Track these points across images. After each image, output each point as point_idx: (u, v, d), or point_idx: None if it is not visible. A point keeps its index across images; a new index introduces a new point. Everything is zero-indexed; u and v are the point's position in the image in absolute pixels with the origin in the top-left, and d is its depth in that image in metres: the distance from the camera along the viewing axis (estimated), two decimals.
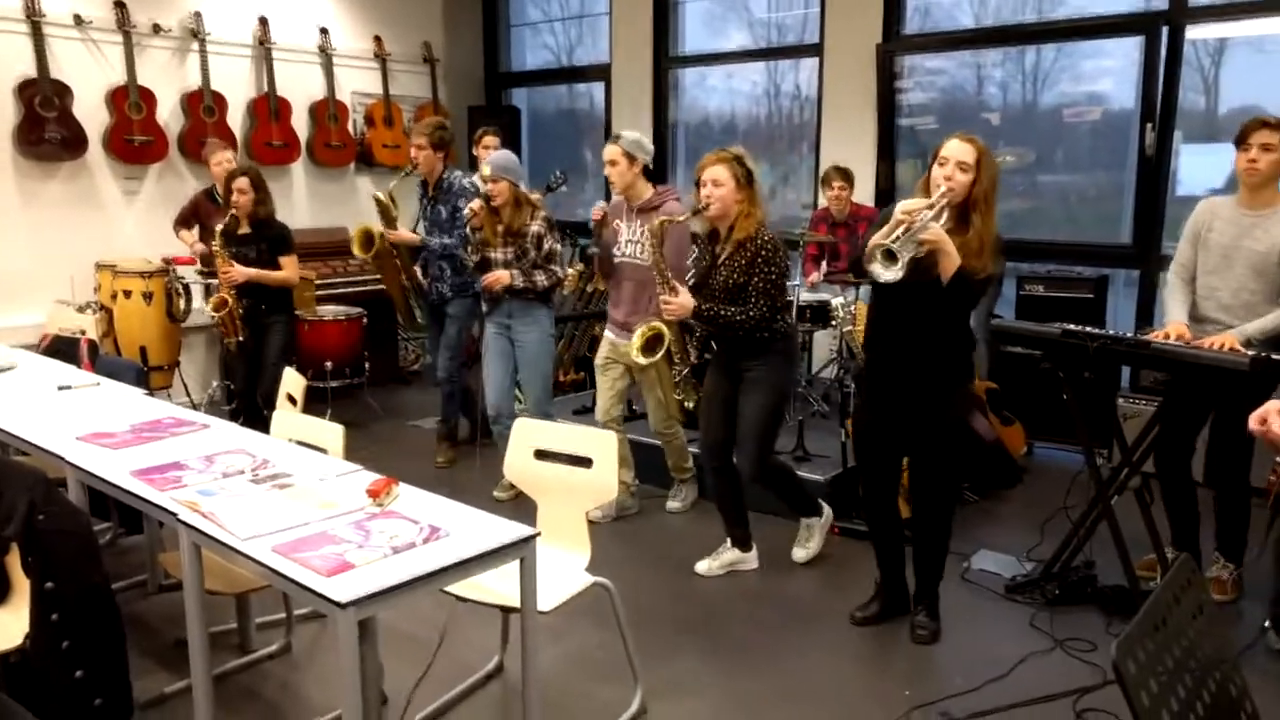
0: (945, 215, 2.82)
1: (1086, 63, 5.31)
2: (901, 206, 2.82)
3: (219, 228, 4.55)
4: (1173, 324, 3.28)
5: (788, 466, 3.77)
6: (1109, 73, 5.25)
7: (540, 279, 4.09)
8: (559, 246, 4.15)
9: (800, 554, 3.76)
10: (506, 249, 4.11)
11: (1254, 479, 3.41)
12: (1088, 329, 3.23)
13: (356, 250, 4.92)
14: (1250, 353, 2.93)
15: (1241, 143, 3.21)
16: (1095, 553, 3.46)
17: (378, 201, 4.86)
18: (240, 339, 4.66)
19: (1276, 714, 2.63)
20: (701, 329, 3.63)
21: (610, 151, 3.90)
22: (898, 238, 2.73)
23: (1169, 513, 3.47)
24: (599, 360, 4.17)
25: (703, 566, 3.69)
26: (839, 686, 2.91)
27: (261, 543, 2.09)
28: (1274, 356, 2.86)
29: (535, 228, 4.08)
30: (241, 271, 4.57)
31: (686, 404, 3.78)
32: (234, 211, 4.56)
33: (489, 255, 4.15)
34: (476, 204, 4.14)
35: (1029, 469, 4.80)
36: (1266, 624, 3.07)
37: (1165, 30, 4.80)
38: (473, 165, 5.88)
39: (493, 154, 4.21)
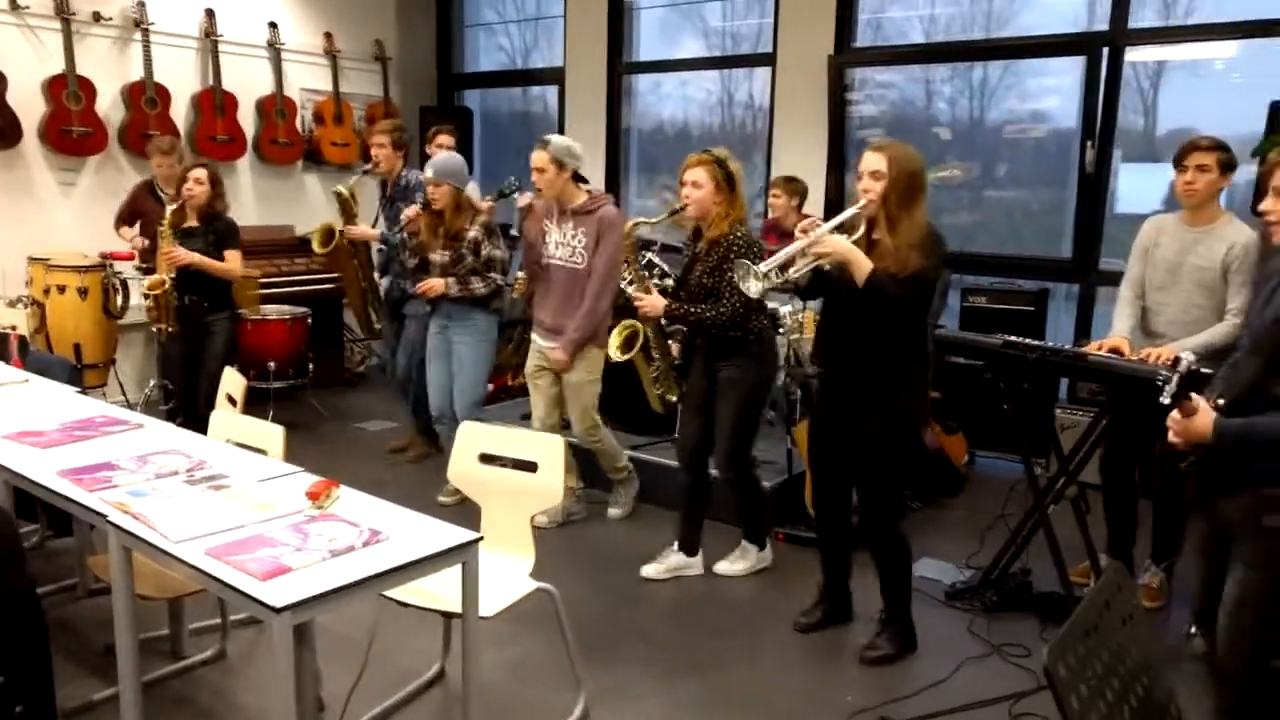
0: (861, 225, 2.92)
1: (1031, 81, 5.44)
2: (800, 225, 2.93)
3: (169, 211, 4.44)
4: (1113, 337, 3.37)
5: (760, 487, 3.74)
6: (1052, 91, 5.38)
7: (478, 286, 4.05)
8: (499, 253, 4.09)
9: (724, 567, 3.72)
10: (444, 252, 4.08)
11: None
12: (1027, 341, 3.30)
13: (316, 247, 4.86)
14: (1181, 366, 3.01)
15: (1178, 164, 3.32)
16: (1032, 560, 3.53)
17: (339, 196, 4.82)
18: (170, 329, 4.55)
19: (1201, 717, 2.69)
20: (676, 327, 3.70)
21: (538, 158, 3.84)
22: (777, 257, 2.90)
23: (1108, 521, 3.55)
24: (529, 370, 4.13)
25: (649, 570, 3.69)
26: (781, 692, 2.92)
27: (194, 545, 2.04)
28: (1203, 370, 2.94)
29: (473, 233, 4.04)
30: (185, 254, 4.46)
31: (669, 397, 3.86)
32: (185, 201, 4.45)
33: (428, 257, 4.12)
34: (413, 210, 4.13)
35: (970, 478, 4.88)
36: (1192, 629, 3.15)
37: (1106, 52, 4.93)
38: (426, 163, 5.83)
39: (436, 157, 4.17)
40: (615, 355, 3.80)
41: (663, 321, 3.90)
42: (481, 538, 2.19)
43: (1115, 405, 3.42)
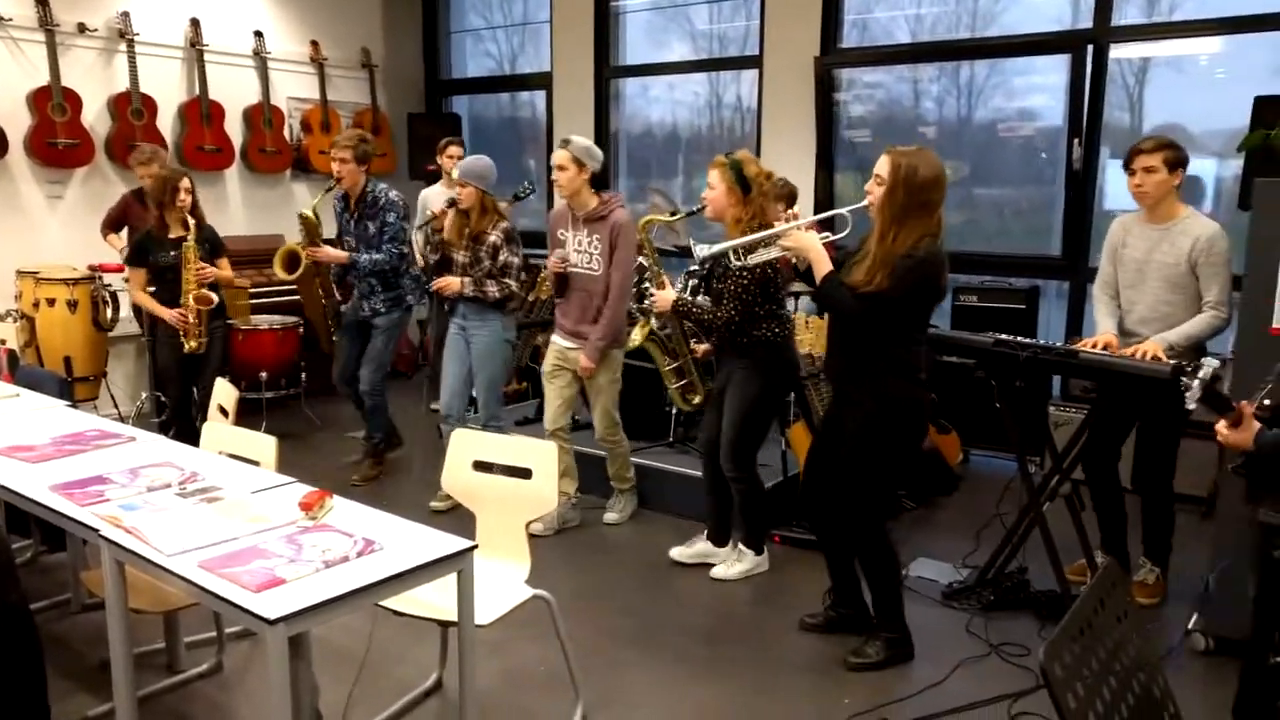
0: (849, 225, 3.02)
1: (1018, 80, 5.45)
2: (785, 214, 3.11)
3: (192, 231, 4.42)
4: (1102, 334, 3.39)
5: (762, 491, 3.71)
6: (1039, 89, 5.40)
7: (492, 289, 4.10)
8: (516, 259, 4.14)
9: (719, 571, 3.72)
10: (466, 252, 4.14)
11: (1179, 485, 3.52)
12: (1019, 339, 3.31)
13: (279, 272, 4.77)
14: (1171, 362, 3.03)
15: (1127, 168, 3.34)
16: (1028, 558, 3.53)
17: (303, 219, 4.70)
18: (204, 340, 4.54)
19: (1198, 715, 2.70)
20: (690, 325, 3.83)
21: (560, 156, 3.89)
22: (740, 240, 3.14)
23: (1099, 518, 3.56)
24: (546, 368, 4.16)
25: (676, 551, 3.80)
26: (779, 695, 2.92)
27: (188, 558, 2.03)
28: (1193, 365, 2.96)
29: (494, 238, 4.09)
30: (213, 269, 4.52)
31: (693, 398, 3.96)
32: (179, 210, 4.42)
33: (450, 255, 4.19)
34: (439, 208, 4.23)
35: (965, 477, 4.89)
36: (1189, 626, 3.16)
37: (1090, 49, 4.95)
38: (435, 177, 5.83)
39: (465, 159, 4.21)
40: (635, 341, 3.91)
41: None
42: (476, 545, 2.19)
43: (1106, 402, 3.43)
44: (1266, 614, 2.24)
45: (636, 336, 3.89)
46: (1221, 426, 2.11)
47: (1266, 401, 2.14)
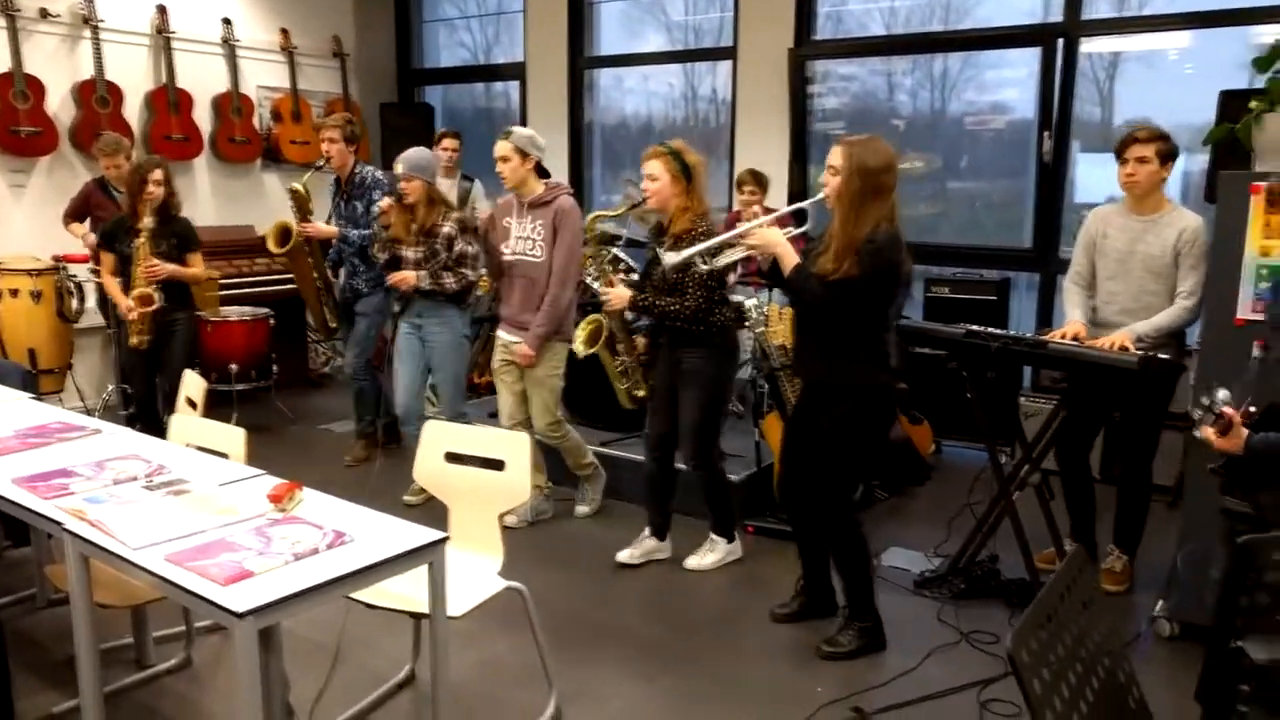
0: (809, 220, 3.04)
1: (990, 73, 5.49)
2: (747, 213, 3.02)
3: (145, 227, 4.30)
4: (1070, 324, 3.41)
5: (725, 478, 3.74)
6: (1011, 83, 5.44)
7: (449, 281, 4.03)
8: (472, 249, 4.08)
9: (693, 562, 3.73)
10: (418, 248, 4.05)
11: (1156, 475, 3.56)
12: (990, 330, 3.33)
13: (271, 246, 4.77)
14: (1139, 352, 3.06)
15: (1119, 156, 3.36)
16: (999, 547, 3.57)
17: (294, 193, 4.75)
18: (150, 338, 4.46)
19: (1163, 699, 2.74)
20: (641, 323, 3.72)
21: (501, 148, 3.85)
22: (704, 244, 3.12)
23: (1069, 507, 3.60)
24: (495, 364, 4.11)
25: (624, 555, 3.74)
26: (753, 685, 2.93)
27: (154, 552, 2.00)
28: (1161, 356, 3.00)
29: (447, 229, 4.01)
30: (165, 267, 4.36)
31: (637, 393, 3.87)
32: (145, 201, 4.32)
33: (400, 253, 4.08)
34: (386, 202, 4.09)
35: (937, 467, 4.93)
36: (1155, 612, 3.21)
37: (1061, 43, 4.99)
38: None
39: (406, 152, 4.13)
40: (580, 350, 3.80)
41: (628, 316, 3.92)
42: (447, 537, 2.17)
43: (1077, 392, 3.47)
44: (1229, 598, 2.28)
45: (580, 346, 3.79)
46: (1211, 434, 2.18)
47: (1253, 409, 2.20)
